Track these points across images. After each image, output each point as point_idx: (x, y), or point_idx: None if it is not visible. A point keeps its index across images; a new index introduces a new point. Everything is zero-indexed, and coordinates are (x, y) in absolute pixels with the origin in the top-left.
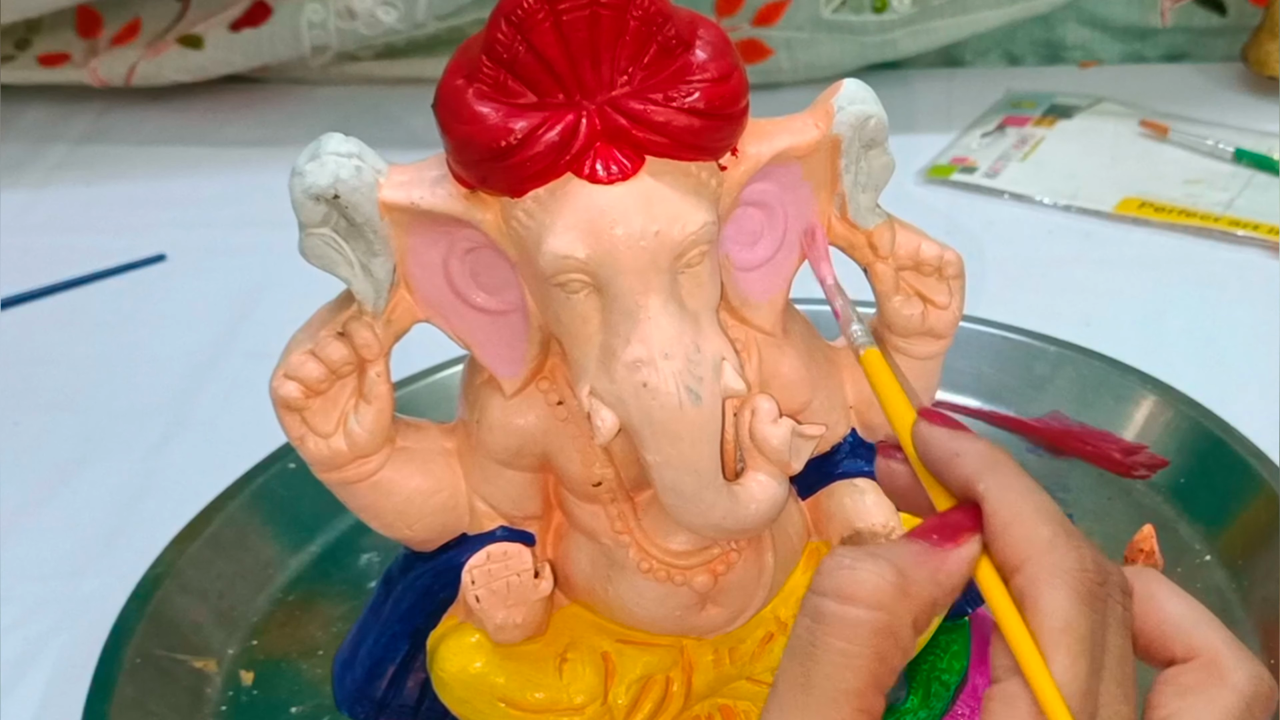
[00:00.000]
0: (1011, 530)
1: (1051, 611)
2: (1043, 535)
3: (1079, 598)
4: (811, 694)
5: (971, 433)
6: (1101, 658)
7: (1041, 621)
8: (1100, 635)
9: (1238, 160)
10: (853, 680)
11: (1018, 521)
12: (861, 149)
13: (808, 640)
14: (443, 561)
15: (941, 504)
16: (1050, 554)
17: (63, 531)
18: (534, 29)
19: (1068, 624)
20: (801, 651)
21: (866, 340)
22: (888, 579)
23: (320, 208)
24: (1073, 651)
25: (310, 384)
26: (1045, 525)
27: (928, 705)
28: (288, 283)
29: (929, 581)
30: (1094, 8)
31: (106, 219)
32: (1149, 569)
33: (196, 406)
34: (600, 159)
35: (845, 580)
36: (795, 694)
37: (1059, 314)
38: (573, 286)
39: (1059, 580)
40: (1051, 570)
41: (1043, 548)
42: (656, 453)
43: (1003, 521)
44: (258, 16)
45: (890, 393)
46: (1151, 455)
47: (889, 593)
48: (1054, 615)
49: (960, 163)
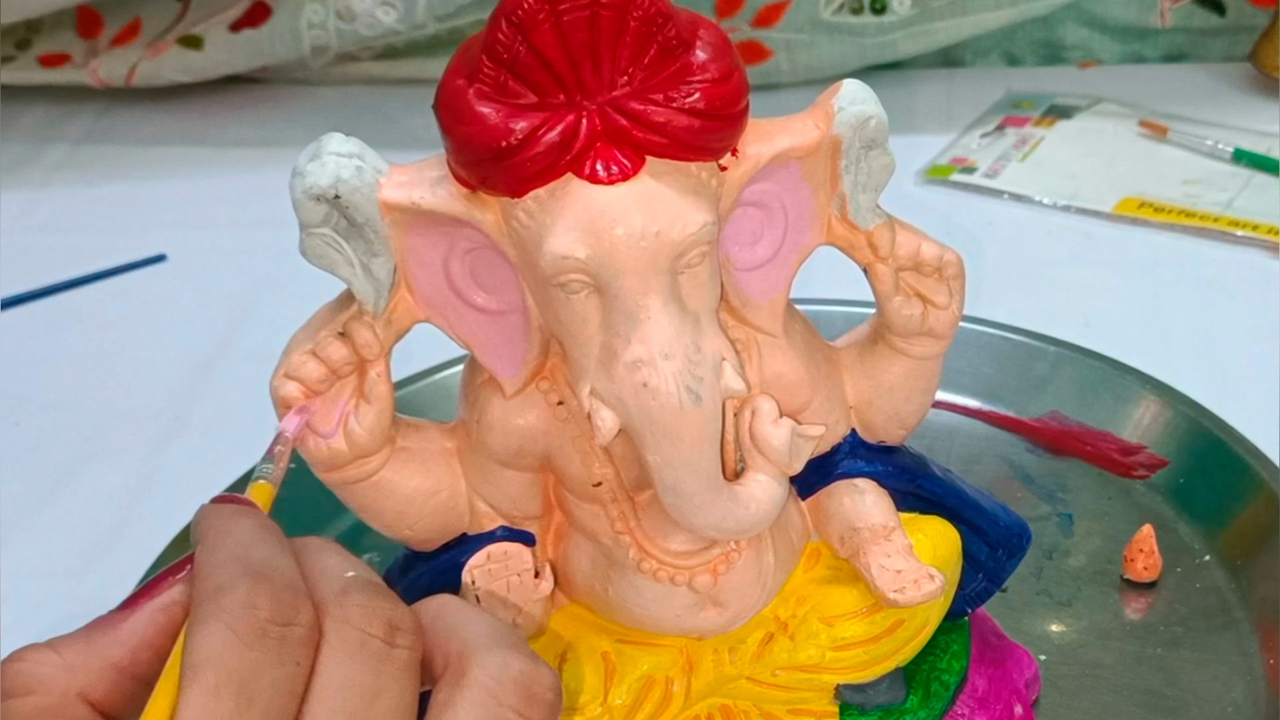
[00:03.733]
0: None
1: (194, 648)
2: (214, 582)
3: (234, 635)
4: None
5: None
6: (268, 696)
7: (185, 658)
8: (269, 673)
9: (1237, 160)
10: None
11: (200, 576)
12: (862, 149)
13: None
14: (443, 561)
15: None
16: (215, 596)
17: (63, 531)
18: (534, 29)
19: (209, 659)
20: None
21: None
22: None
23: (321, 208)
24: (208, 686)
25: (310, 384)
26: (220, 570)
27: (927, 705)
28: (288, 283)
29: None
30: (1094, 8)
31: (106, 219)
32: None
33: (196, 406)
34: (601, 159)
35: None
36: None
37: (1059, 314)
38: (573, 287)
39: (211, 619)
40: (207, 611)
41: (209, 592)
42: (657, 453)
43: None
44: (258, 17)
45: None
46: (1151, 455)
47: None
48: (196, 651)
49: (960, 163)
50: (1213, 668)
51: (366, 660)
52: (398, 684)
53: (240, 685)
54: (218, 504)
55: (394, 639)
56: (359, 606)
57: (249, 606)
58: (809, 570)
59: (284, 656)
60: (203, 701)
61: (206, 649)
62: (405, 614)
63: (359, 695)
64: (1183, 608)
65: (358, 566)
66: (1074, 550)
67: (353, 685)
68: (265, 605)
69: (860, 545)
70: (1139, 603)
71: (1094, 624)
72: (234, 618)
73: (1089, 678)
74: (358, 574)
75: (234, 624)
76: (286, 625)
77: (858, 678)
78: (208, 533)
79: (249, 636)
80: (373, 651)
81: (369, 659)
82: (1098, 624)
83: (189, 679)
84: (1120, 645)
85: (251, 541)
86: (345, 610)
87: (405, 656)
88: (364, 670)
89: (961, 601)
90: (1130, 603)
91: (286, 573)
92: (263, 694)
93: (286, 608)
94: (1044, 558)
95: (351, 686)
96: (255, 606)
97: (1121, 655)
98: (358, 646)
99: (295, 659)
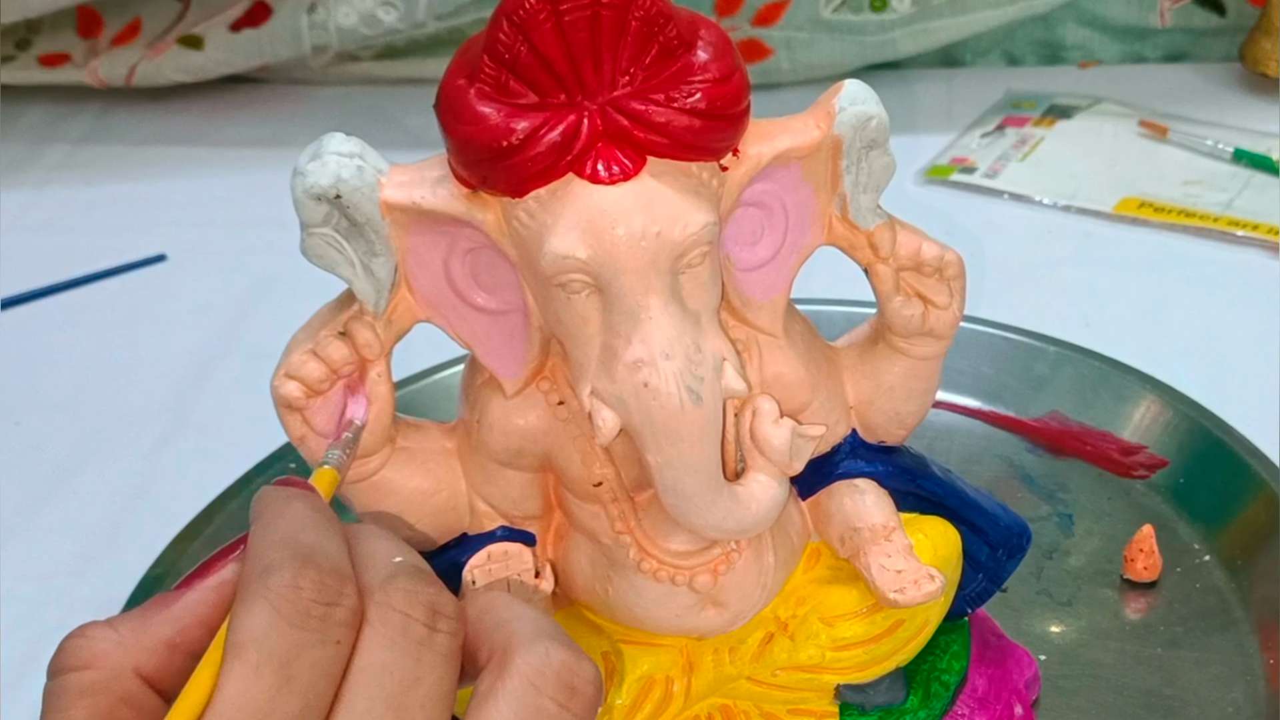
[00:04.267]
0: (245, 564)
1: (239, 626)
2: (263, 562)
3: (278, 614)
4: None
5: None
6: (308, 675)
7: (229, 635)
8: (310, 653)
9: (1237, 160)
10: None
11: (250, 556)
12: (862, 150)
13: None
14: (443, 561)
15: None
16: (261, 576)
17: (63, 531)
18: (535, 29)
19: (253, 638)
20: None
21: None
22: (98, 637)
23: (321, 207)
24: (251, 663)
25: (311, 384)
26: (270, 552)
27: (928, 705)
28: (288, 283)
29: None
30: (1093, 8)
31: (106, 219)
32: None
33: (196, 406)
34: (602, 159)
35: (62, 651)
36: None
37: (1059, 314)
38: (574, 287)
39: (258, 599)
40: (254, 591)
41: (256, 572)
42: (657, 453)
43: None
44: (258, 16)
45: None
46: (1151, 455)
47: (96, 651)
48: (239, 630)
49: (960, 163)
50: (1213, 668)
51: (407, 645)
52: (437, 670)
53: (281, 664)
54: (277, 486)
55: (436, 624)
56: (402, 591)
57: (294, 587)
58: (809, 570)
59: (325, 637)
60: (244, 678)
61: (250, 627)
62: (449, 600)
63: (398, 679)
64: (1183, 608)
65: (406, 553)
66: (1074, 550)
67: (392, 668)
68: (310, 586)
69: (860, 545)
70: (1139, 603)
71: (1094, 624)
72: (279, 597)
73: (1089, 678)
74: (405, 559)
75: (278, 603)
76: (330, 606)
77: (858, 678)
78: (262, 514)
79: (293, 616)
80: (414, 636)
81: (410, 644)
82: (1098, 624)
83: (231, 656)
84: (1120, 645)
85: (303, 525)
86: (388, 594)
87: (446, 642)
88: (404, 655)
89: (961, 601)
90: (1130, 603)
91: (334, 556)
92: (303, 673)
93: (330, 590)
94: (1044, 558)
95: (391, 669)
96: (300, 587)
97: (1121, 655)
98: (399, 631)
99: (336, 639)
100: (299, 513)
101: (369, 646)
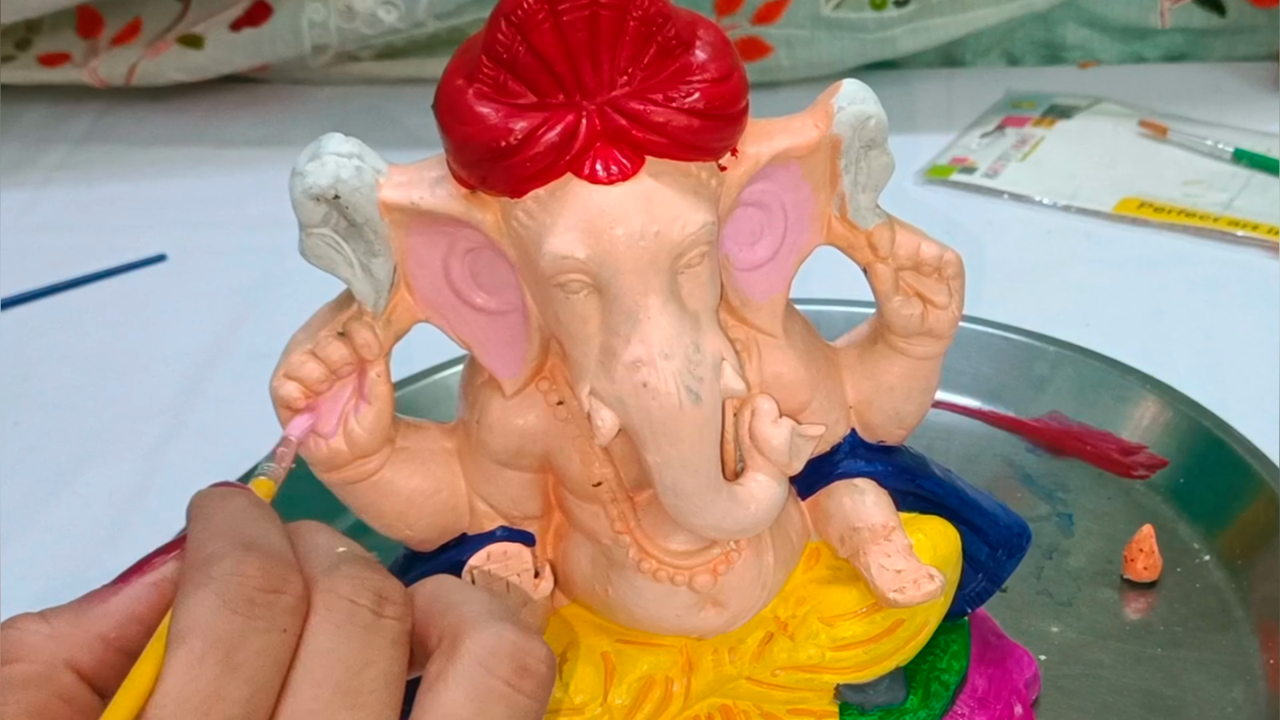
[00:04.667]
0: (186, 555)
1: (182, 614)
2: (204, 552)
3: (223, 602)
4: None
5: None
6: (255, 662)
7: (172, 624)
8: (256, 640)
9: (1237, 160)
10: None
11: (190, 548)
12: (861, 149)
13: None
14: (443, 561)
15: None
16: (204, 565)
17: (63, 531)
18: (534, 29)
19: (197, 625)
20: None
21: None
22: (30, 629)
23: (320, 208)
24: (194, 652)
25: (310, 384)
26: (211, 543)
27: (928, 705)
28: (288, 283)
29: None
30: (1093, 8)
31: (106, 219)
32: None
33: (196, 406)
34: (600, 159)
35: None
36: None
37: (1059, 314)
38: (573, 287)
39: (200, 587)
40: (196, 580)
41: (198, 562)
42: (656, 453)
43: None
44: (258, 16)
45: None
46: (1151, 455)
47: (28, 644)
48: (183, 618)
49: (960, 163)
50: (1213, 668)
51: (354, 630)
52: (386, 654)
53: (226, 651)
54: (213, 488)
55: (382, 609)
56: (348, 578)
57: (238, 575)
58: (809, 570)
59: (271, 624)
60: (188, 666)
61: (193, 615)
62: (394, 586)
63: (346, 664)
64: (1183, 608)
65: (348, 544)
66: (1074, 550)
67: (340, 654)
68: (254, 574)
69: (860, 545)
70: (1139, 603)
71: (1094, 624)
72: (222, 585)
73: (1089, 678)
74: (348, 549)
75: (222, 591)
76: (275, 593)
77: (858, 678)
78: (202, 510)
79: (237, 603)
80: (361, 621)
81: (357, 629)
82: (1098, 624)
83: (175, 644)
84: (1120, 645)
85: (243, 518)
86: (334, 581)
87: (394, 628)
88: (352, 640)
89: (961, 601)
90: (1130, 603)
91: (277, 545)
92: (249, 661)
93: (275, 577)
94: (1044, 558)
95: (339, 655)
96: (244, 575)
97: (1121, 655)
98: (346, 617)
99: (282, 627)
100: (239, 507)
101: (316, 633)
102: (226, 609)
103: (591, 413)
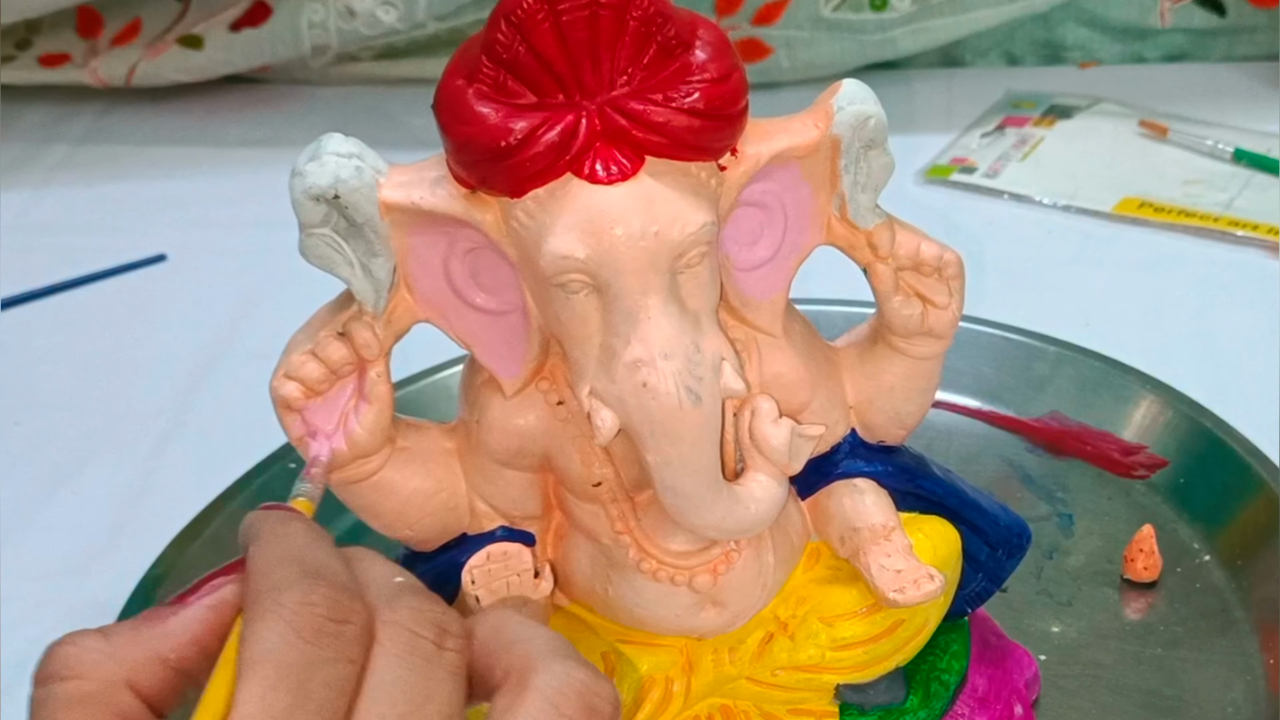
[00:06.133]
0: (249, 581)
1: (252, 643)
2: (271, 580)
3: (293, 631)
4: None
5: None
6: (324, 692)
7: (243, 652)
8: (325, 670)
9: (1237, 160)
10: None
11: (255, 574)
12: (861, 149)
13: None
14: (443, 561)
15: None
16: (272, 594)
17: (63, 531)
18: (534, 29)
19: (268, 653)
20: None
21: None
22: (90, 646)
23: (320, 208)
24: (267, 680)
25: (310, 384)
26: (277, 570)
27: (928, 705)
28: (288, 283)
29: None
30: (1094, 8)
31: (106, 219)
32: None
33: (196, 406)
34: (600, 159)
35: (50, 658)
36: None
37: (1059, 314)
38: (573, 287)
39: (270, 615)
40: (265, 608)
41: (266, 589)
42: (656, 453)
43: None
44: (258, 16)
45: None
46: (1151, 455)
47: (87, 660)
48: (254, 645)
49: (960, 163)
50: (1213, 668)
51: (417, 662)
52: (446, 687)
53: (298, 681)
54: (266, 510)
55: (444, 642)
56: (409, 609)
57: (307, 604)
58: (809, 570)
59: (339, 654)
60: (261, 694)
61: (265, 644)
62: (453, 618)
63: (409, 696)
64: (1183, 608)
65: (404, 574)
66: (1074, 550)
67: (404, 685)
68: (322, 603)
69: (860, 545)
70: (1139, 603)
71: (1094, 624)
72: (293, 614)
73: (1089, 678)
74: (405, 579)
75: (293, 620)
76: (342, 623)
77: (858, 678)
78: (261, 534)
79: (307, 633)
80: (423, 653)
81: (419, 661)
82: (1098, 624)
83: (247, 672)
84: (1120, 645)
85: (305, 544)
86: (396, 612)
87: (454, 660)
88: (415, 672)
89: (961, 601)
90: (1130, 603)
91: (341, 574)
92: (318, 690)
93: (343, 607)
94: (1044, 558)
95: (403, 686)
96: (313, 604)
97: (1121, 655)
98: (408, 648)
99: (349, 657)
100: (299, 532)
101: (380, 664)
102: (297, 638)
103: (591, 413)
